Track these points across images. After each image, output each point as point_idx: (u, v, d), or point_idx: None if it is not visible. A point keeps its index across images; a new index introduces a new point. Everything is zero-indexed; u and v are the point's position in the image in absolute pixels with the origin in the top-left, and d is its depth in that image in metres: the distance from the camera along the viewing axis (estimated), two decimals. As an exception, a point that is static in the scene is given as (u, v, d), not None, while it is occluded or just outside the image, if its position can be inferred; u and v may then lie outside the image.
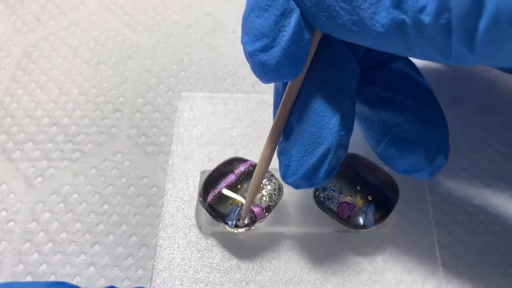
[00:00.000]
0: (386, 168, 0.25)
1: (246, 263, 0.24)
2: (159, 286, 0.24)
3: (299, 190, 0.25)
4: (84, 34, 0.35)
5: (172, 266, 0.24)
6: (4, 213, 0.27)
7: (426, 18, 0.14)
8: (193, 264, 0.24)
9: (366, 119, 0.22)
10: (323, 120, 0.19)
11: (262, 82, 0.19)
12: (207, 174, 0.25)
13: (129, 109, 0.31)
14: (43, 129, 0.30)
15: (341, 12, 0.16)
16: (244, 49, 0.19)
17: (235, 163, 0.25)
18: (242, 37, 0.19)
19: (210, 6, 0.36)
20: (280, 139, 0.21)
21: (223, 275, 0.24)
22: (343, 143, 0.20)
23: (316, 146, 0.19)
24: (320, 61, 0.20)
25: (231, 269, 0.24)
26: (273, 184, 0.24)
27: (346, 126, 0.20)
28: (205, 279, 0.24)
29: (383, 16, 0.15)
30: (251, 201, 0.23)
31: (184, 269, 0.24)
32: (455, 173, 0.27)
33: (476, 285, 0.24)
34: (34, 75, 0.32)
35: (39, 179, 0.28)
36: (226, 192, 0.24)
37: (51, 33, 0.35)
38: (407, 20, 0.15)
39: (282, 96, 0.20)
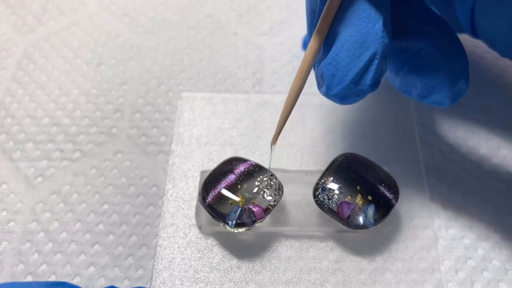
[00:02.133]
0: (386, 168, 0.25)
1: (246, 263, 0.24)
2: (159, 286, 0.24)
3: (299, 190, 0.26)
4: (85, 35, 0.35)
5: (172, 266, 0.24)
6: (4, 213, 0.27)
7: None
8: (193, 264, 0.24)
9: None
10: (368, 25, 0.20)
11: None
12: (207, 174, 0.25)
13: (129, 109, 0.31)
14: (43, 129, 0.30)
15: None
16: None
17: (235, 163, 0.25)
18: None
19: (211, 7, 0.36)
20: (320, 54, 0.21)
21: (223, 275, 0.24)
22: (386, 52, 0.20)
23: (363, 51, 0.19)
24: None
25: (231, 269, 0.24)
26: (273, 184, 0.24)
27: (388, 34, 0.20)
28: (205, 279, 0.24)
29: None
30: (285, 120, 0.22)
31: (184, 269, 0.24)
32: (455, 173, 0.27)
33: (476, 285, 0.24)
34: (34, 76, 0.32)
35: (39, 179, 0.28)
36: (226, 192, 0.24)
37: (51, 33, 0.35)
38: None
39: (320, 12, 0.21)
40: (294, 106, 0.22)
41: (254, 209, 0.24)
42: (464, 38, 0.26)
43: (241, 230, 0.24)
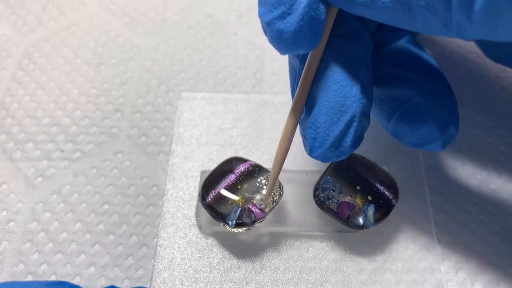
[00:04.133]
0: (386, 168, 0.25)
1: (246, 262, 0.24)
2: (159, 285, 0.24)
3: (299, 190, 0.26)
4: (85, 35, 0.35)
5: (172, 266, 0.24)
6: (4, 213, 0.27)
7: None
8: (193, 264, 0.24)
9: (375, 98, 0.23)
10: (345, 89, 0.20)
11: (280, 52, 0.20)
12: (207, 174, 0.25)
13: (129, 109, 0.31)
14: (43, 129, 0.30)
15: None
16: (261, 20, 0.19)
17: (235, 163, 0.25)
18: (259, 10, 0.19)
19: (211, 7, 0.36)
20: (302, 115, 0.22)
21: (223, 275, 0.24)
22: (365, 112, 0.20)
23: (341, 115, 0.20)
24: (337, 35, 0.21)
25: (231, 268, 0.24)
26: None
27: (367, 95, 0.20)
28: (205, 278, 0.24)
29: None
30: (274, 182, 0.23)
31: (184, 268, 0.24)
32: (455, 173, 0.27)
33: (476, 285, 0.24)
34: (34, 76, 0.32)
35: (40, 179, 0.28)
36: (226, 192, 0.24)
37: (51, 33, 0.35)
38: None
39: (300, 73, 0.21)
40: (281, 168, 0.23)
41: (254, 209, 0.24)
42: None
43: (241, 230, 0.24)
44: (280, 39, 0.19)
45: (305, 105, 0.21)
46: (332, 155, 0.21)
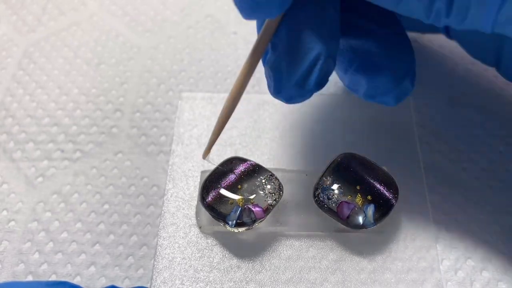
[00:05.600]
0: (386, 168, 0.25)
1: (246, 262, 0.24)
2: (159, 285, 0.24)
3: (299, 190, 0.26)
4: (85, 35, 0.35)
5: (173, 266, 0.24)
6: (5, 212, 0.27)
7: None
8: (194, 264, 0.24)
9: None
10: (313, 27, 0.20)
11: (243, 17, 0.19)
12: (207, 174, 0.25)
13: (129, 109, 0.31)
14: (43, 129, 0.30)
15: None
16: None
17: (235, 163, 0.25)
18: None
19: (211, 7, 0.36)
20: (268, 55, 0.21)
21: (223, 275, 0.24)
22: (331, 53, 0.20)
23: (305, 54, 0.20)
24: None
25: (231, 268, 0.24)
26: (273, 184, 0.25)
27: (333, 36, 0.20)
28: (206, 278, 0.24)
29: None
30: (217, 133, 0.23)
31: (184, 268, 0.24)
32: (455, 173, 0.27)
33: (475, 285, 0.24)
34: (34, 75, 0.32)
35: (40, 179, 0.28)
36: (226, 192, 0.24)
37: (51, 33, 0.35)
38: None
39: None
40: (234, 110, 0.22)
41: (254, 209, 0.24)
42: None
43: (241, 230, 0.24)
44: (248, 5, 0.18)
45: (270, 43, 0.21)
46: (296, 95, 0.20)
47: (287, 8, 0.19)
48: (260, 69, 0.22)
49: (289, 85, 0.20)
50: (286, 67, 0.20)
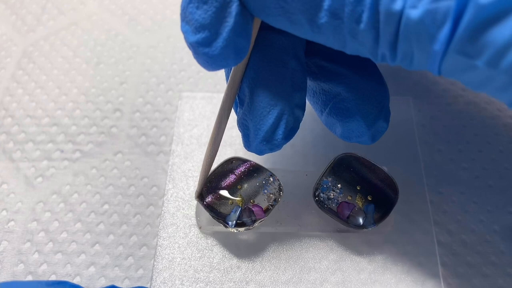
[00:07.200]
0: (386, 168, 0.25)
1: (246, 262, 0.24)
2: (159, 285, 0.24)
3: (299, 190, 0.26)
4: (84, 34, 0.35)
5: (173, 266, 0.24)
6: (4, 213, 0.27)
7: (361, 26, 0.16)
8: (193, 264, 0.24)
9: (309, 89, 0.23)
10: (275, 83, 0.20)
11: (206, 70, 0.19)
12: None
13: (129, 108, 0.31)
14: (43, 129, 0.30)
15: (278, 10, 0.17)
16: (185, 38, 0.18)
17: (235, 163, 0.25)
18: (182, 25, 0.18)
19: (210, 6, 0.36)
20: (238, 108, 0.22)
21: (223, 275, 0.24)
22: (298, 103, 0.20)
23: (270, 109, 0.20)
24: (265, 27, 0.20)
25: (231, 268, 0.24)
26: (273, 184, 0.25)
27: (297, 87, 0.20)
28: (205, 278, 0.24)
29: (321, 17, 0.16)
30: (206, 172, 0.24)
31: (184, 268, 0.24)
32: (455, 173, 0.27)
33: (475, 284, 0.24)
34: (34, 75, 0.32)
35: (40, 179, 0.28)
36: (225, 193, 0.24)
37: (51, 33, 0.35)
38: (344, 27, 0.16)
39: (229, 69, 0.21)
40: (214, 158, 0.24)
41: (254, 209, 0.24)
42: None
43: (241, 230, 0.24)
44: (205, 61, 0.18)
45: (237, 96, 0.21)
46: (265, 148, 0.21)
47: (244, 58, 0.19)
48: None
49: (256, 141, 0.21)
50: (251, 124, 0.20)
